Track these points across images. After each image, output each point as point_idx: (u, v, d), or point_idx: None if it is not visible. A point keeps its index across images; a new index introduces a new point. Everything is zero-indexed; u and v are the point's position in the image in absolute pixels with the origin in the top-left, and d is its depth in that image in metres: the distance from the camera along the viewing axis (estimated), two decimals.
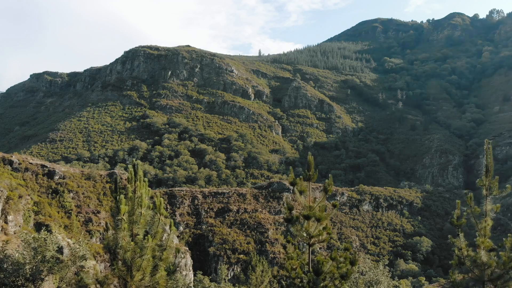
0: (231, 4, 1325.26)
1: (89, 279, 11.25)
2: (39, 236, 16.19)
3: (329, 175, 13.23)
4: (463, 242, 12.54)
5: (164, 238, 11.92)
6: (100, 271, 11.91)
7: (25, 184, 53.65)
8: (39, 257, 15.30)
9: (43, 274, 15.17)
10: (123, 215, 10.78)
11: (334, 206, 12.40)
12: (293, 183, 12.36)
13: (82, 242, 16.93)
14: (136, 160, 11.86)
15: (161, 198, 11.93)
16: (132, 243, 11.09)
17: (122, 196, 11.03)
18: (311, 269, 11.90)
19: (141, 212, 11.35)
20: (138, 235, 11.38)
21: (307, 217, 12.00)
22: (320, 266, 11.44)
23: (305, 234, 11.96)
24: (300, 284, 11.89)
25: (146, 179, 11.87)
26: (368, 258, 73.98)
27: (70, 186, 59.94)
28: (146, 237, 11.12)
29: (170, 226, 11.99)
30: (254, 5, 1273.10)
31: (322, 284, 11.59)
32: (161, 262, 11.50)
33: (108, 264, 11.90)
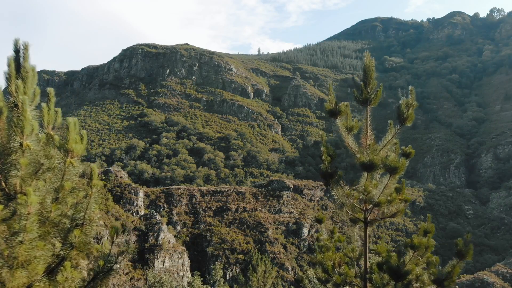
0: (231, 4, 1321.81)
1: None
2: None
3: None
4: None
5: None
6: None
7: None
8: None
9: None
10: None
11: (407, 155, 6.84)
12: (334, 113, 6.73)
13: None
14: (25, 43, 5.16)
15: (83, 129, 5.55)
16: (0, 207, 4.56)
17: None
18: (373, 268, 6.89)
19: (21, 144, 4.81)
20: (25, 194, 4.58)
21: (368, 167, 6.54)
22: (399, 264, 6.32)
23: (360, 201, 6.56)
24: None
25: (50, 90, 5.28)
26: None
27: None
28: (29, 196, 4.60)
29: (92, 175, 5.53)
30: (254, 5, 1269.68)
31: None
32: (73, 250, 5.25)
33: None
